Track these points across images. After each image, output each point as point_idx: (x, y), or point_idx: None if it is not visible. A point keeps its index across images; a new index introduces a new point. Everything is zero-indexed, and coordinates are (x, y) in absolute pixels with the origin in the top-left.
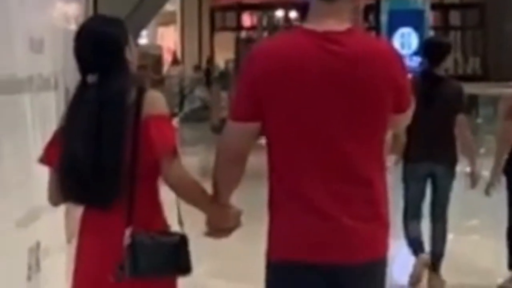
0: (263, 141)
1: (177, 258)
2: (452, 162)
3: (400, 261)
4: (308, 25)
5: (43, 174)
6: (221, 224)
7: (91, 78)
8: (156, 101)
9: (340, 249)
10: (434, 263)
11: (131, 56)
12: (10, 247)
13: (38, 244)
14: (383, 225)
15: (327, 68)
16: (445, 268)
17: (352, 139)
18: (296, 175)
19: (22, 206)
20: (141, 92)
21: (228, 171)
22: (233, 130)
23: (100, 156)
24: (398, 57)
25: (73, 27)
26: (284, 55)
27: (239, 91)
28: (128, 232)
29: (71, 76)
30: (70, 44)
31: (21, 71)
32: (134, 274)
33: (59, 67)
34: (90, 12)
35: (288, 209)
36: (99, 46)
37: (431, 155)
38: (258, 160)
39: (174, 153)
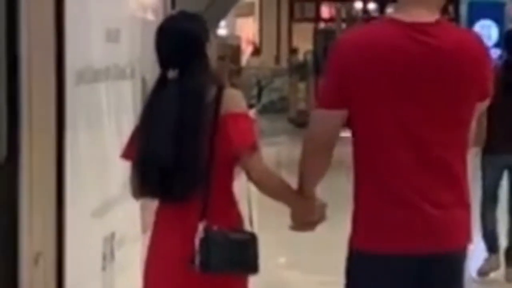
0: (344, 133)
1: (246, 256)
2: None
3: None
4: (396, 15)
5: (118, 164)
6: (306, 218)
7: (172, 74)
8: (234, 99)
9: (426, 239)
10: (508, 260)
11: (211, 52)
12: (85, 237)
13: (113, 234)
14: (468, 215)
15: (417, 58)
16: None
17: (440, 129)
18: (384, 166)
19: (97, 196)
20: (220, 89)
21: (315, 160)
22: (320, 118)
23: (180, 150)
24: (485, 48)
25: (151, 17)
26: (372, 45)
27: (326, 79)
28: (201, 226)
29: (148, 66)
30: (148, 34)
31: (98, 61)
32: (205, 269)
33: (136, 57)
34: (169, 2)
35: (376, 200)
36: (181, 43)
37: (510, 147)
38: (338, 151)
39: (254, 149)
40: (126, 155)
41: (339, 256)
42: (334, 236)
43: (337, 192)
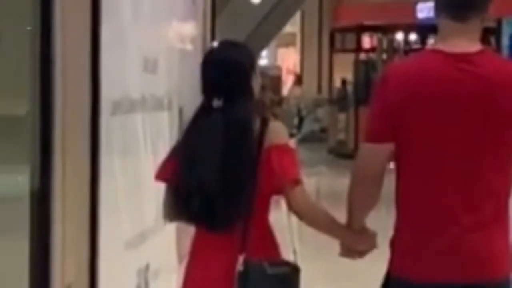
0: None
1: (288, 285)
2: None
3: None
4: (439, 46)
5: (154, 195)
6: (355, 247)
7: (217, 103)
8: (278, 131)
9: (468, 267)
10: None
11: (256, 84)
12: (119, 268)
13: (147, 266)
14: (507, 248)
15: (463, 89)
16: None
17: (486, 159)
18: (422, 196)
19: (132, 227)
20: (264, 121)
21: (364, 192)
22: (368, 151)
23: (226, 180)
24: None
25: (189, 47)
26: (418, 76)
27: (373, 111)
28: (241, 259)
29: (186, 97)
30: (185, 65)
31: (135, 91)
32: None
33: (173, 87)
34: (208, 33)
35: (416, 227)
36: (228, 71)
37: None
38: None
39: (297, 182)
40: (160, 176)
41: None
42: (373, 268)
43: (377, 225)
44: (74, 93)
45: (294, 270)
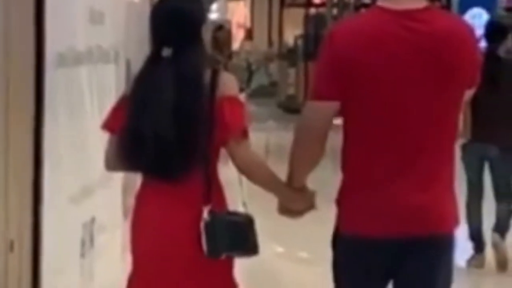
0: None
1: (247, 238)
2: (509, 145)
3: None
4: (385, 4)
5: (100, 149)
6: (293, 207)
7: (166, 52)
8: (229, 83)
9: (409, 223)
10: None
11: (207, 35)
12: (63, 223)
13: (92, 220)
14: (453, 200)
15: (409, 46)
16: None
17: (430, 114)
18: (370, 153)
19: (77, 181)
20: (215, 73)
21: (308, 150)
22: (314, 110)
23: (180, 130)
24: (473, 34)
25: None
26: (364, 34)
27: (319, 70)
28: (206, 210)
29: (133, 49)
30: (133, 17)
31: (80, 43)
32: (214, 253)
33: (120, 39)
34: None
35: (360, 186)
36: (178, 21)
37: (488, 137)
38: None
39: (244, 135)
40: (107, 126)
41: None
42: (321, 227)
43: (324, 181)
44: (17, 44)
45: (249, 220)
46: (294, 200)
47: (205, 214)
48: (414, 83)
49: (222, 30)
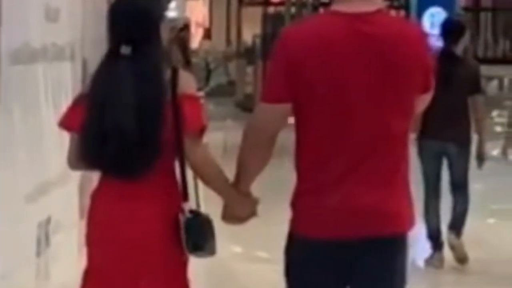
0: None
1: (213, 237)
2: (465, 142)
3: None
4: (337, 7)
5: (56, 147)
6: (237, 212)
7: (125, 49)
8: (189, 81)
9: (362, 224)
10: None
11: (165, 33)
12: (19, 222)
13: (48, 219)
14: (406, 201)
15: (358, 48)
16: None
17: (381, 117)
18: (321, 155)
19: (32, 180)
20: (175, 71)
21: (257, 153)
22: (265, 112)
23: (142, 127)
24: (424, 38)
25: None
26: (315, 37)
27: (271, 72)
28: (187, 207)
29: (90, 48)
30: (89, 14)
31: (36, 40)
32: (194, 251)
33: (77, 37)
34: None
35: (312, 188)
36: (136, 19)
37: (444, 134)
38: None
39: (201, 134)
40: (65, 124)
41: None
42: (279, 227)
43: (282, 180)
44: None
45: (210, 220)
46: (240, 203)
47: (187, 212)
48: (362, 85)
49: (187, 29)
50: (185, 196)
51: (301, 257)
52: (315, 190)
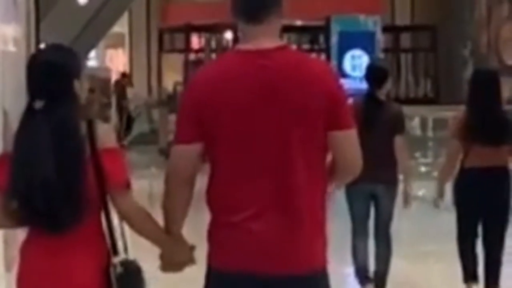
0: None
1: (143, 282)
2: (392, 182)
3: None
4: (241, 46)
5: None
6: (175, 257)
7: (38, 104)
8: (108, 134)
9: (276, 260)
10: (377, 284)
11: (81, 90)
12: None
13: None
14: (319, 239)
15: (258, 82)
16: None
17: (285, 153)
18: (232, 192)
19: None
20: (91, 124)
21: (178, 196)
22: (178, 154)
23: (65, 183)
24: (332, 74)
25: (12, 48)
26: (219, 75)
27: (180, 115)
28: (118, 260)
29: (10, 98)
30: (8, 66)
31: None
32: None
33: None
34: (32, 35)
35: (224, 222)
36: (49, 74)
37: (372, 176)
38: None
39: (127, 187)
40: None
41: None
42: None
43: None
44: None
45: (138, 268)
46: (176, 247)
47: (118, 266)
48: (267, 122)
49: (126, 77)
50: (114, 250)
51: None
52: (227, 225)
